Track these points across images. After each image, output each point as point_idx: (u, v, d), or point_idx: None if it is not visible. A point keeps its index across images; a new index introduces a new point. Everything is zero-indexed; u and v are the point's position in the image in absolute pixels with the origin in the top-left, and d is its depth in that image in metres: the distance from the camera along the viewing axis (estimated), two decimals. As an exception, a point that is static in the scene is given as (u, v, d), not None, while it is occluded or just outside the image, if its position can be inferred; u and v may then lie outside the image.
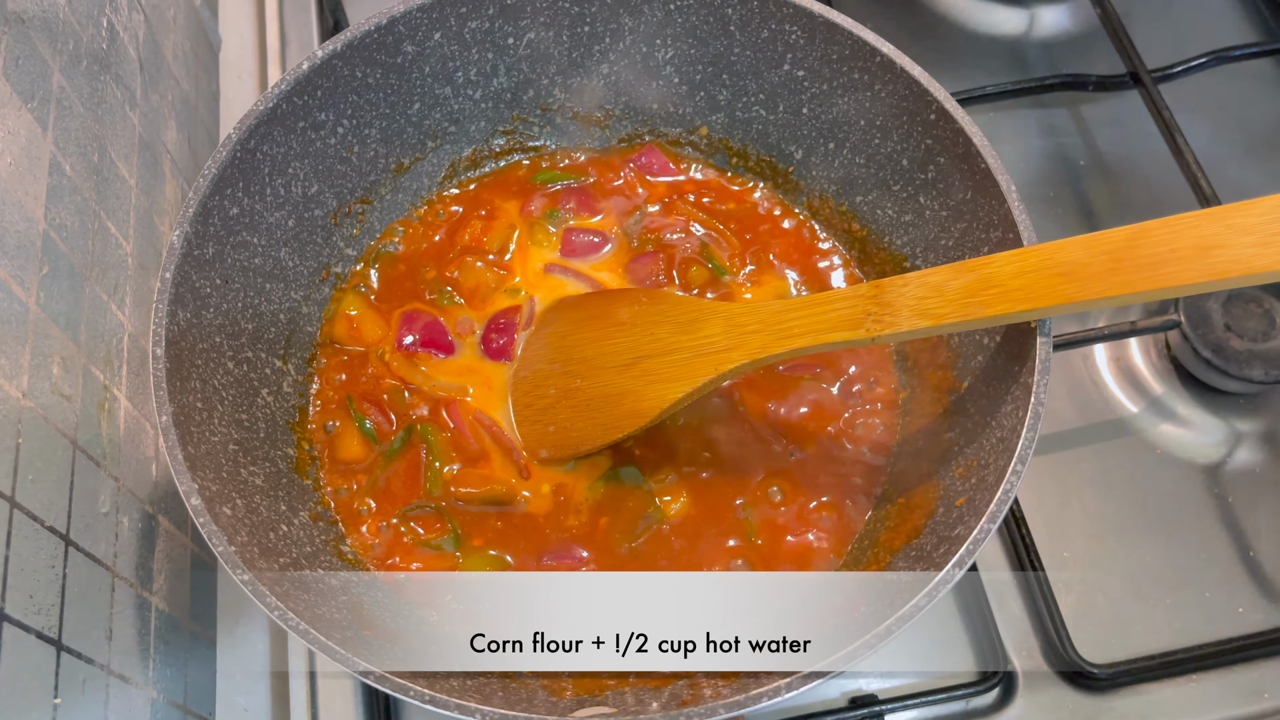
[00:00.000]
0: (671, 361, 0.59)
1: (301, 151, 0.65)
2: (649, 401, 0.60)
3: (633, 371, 0.61)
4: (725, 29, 0.69)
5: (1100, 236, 0.50)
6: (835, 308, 0.54)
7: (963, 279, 0.50)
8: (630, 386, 0.61)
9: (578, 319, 0.67)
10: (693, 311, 0.60)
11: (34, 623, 0.49)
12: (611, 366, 0.62)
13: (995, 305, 0.49)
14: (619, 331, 0.63)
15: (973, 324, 0.50)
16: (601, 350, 0.63)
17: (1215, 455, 0.75)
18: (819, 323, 0.54)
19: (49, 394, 0.54)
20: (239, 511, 0.54)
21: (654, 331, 0.61)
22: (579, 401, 0.63)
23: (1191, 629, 0.69)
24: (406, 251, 0.73)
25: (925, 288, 0.51)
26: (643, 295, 0.65)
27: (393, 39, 0.66)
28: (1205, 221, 0.47)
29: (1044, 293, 0.49)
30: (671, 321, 0.61)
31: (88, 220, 0.62)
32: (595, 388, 0.63)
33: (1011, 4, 0.98)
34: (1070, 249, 0.50)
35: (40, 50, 0.59)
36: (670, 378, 0.59)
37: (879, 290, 0.53)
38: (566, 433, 0.64)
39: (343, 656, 0.48)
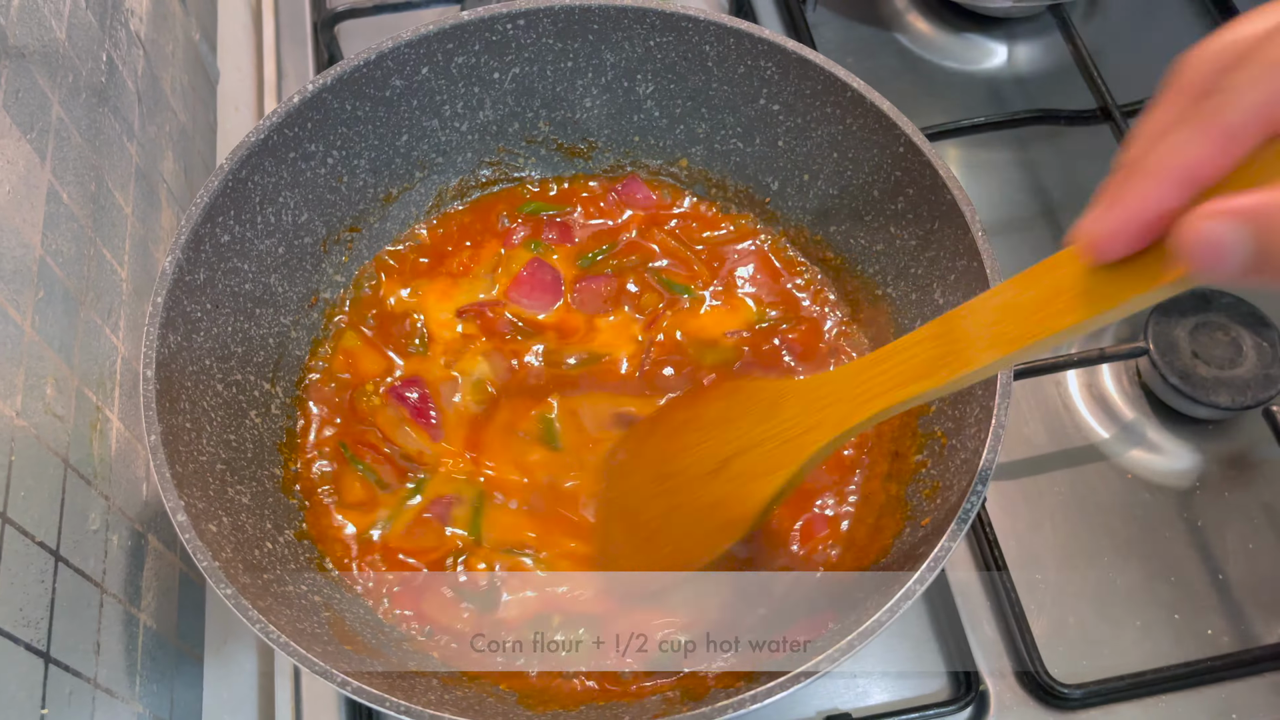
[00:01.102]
0: (759, 456, 0.56)
1: (292, 181, 0.67)
2: (746, 505, 0.56)
3: (725, 475, 0.57)
4: (703, 65, 0.71)
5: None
6: (908, 357, 0.50)
7: (1030, 292, 0.44)
8: (725, 491, 0.57)
9: (668, 431, 0.64)
10: (769, 396, 0.57)
11: (23, 635, 0.50)
12: (704, 474, 0.59)
13: (1072, 312, 0.42)
14: (707, 434, 0.60)
15: (1055, 340, 0.43)
16: (691, 458, 0.60)
17: (1185, 480, 0.77)
18: (895, 378, 0.50)
19: (42, 414, 0.56)
20: (224, 529, 0.56)
21: (738, 426, 0.58)
22: (683, 517, 0.60)
23: (1161, 650, 0.70)
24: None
25: (993, 311, 0.46)
26: (720, 390, 0.63)
27: (381, 73, 0.68)
28: None
29: (1116, 289, 0.41)
30: (752, 412, 0.57)
31: (84, 247, 0.64)
32: (694, 500, 0.59)
33: (989, 40, 1.01)
34: None
35: (40, 83, 0.61)
36: (761, 473, 0.55)
37: (950, 324, 0.48)
38: (678, 552, 0.60)
39: (322, 669, 0.50)
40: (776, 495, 0.55)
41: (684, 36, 0.70)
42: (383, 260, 0.75)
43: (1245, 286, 0.35)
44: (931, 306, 0.66)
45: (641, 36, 0.71)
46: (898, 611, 0.50)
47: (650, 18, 0.69)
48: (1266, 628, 0.71)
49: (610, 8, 0.69)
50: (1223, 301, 0.78)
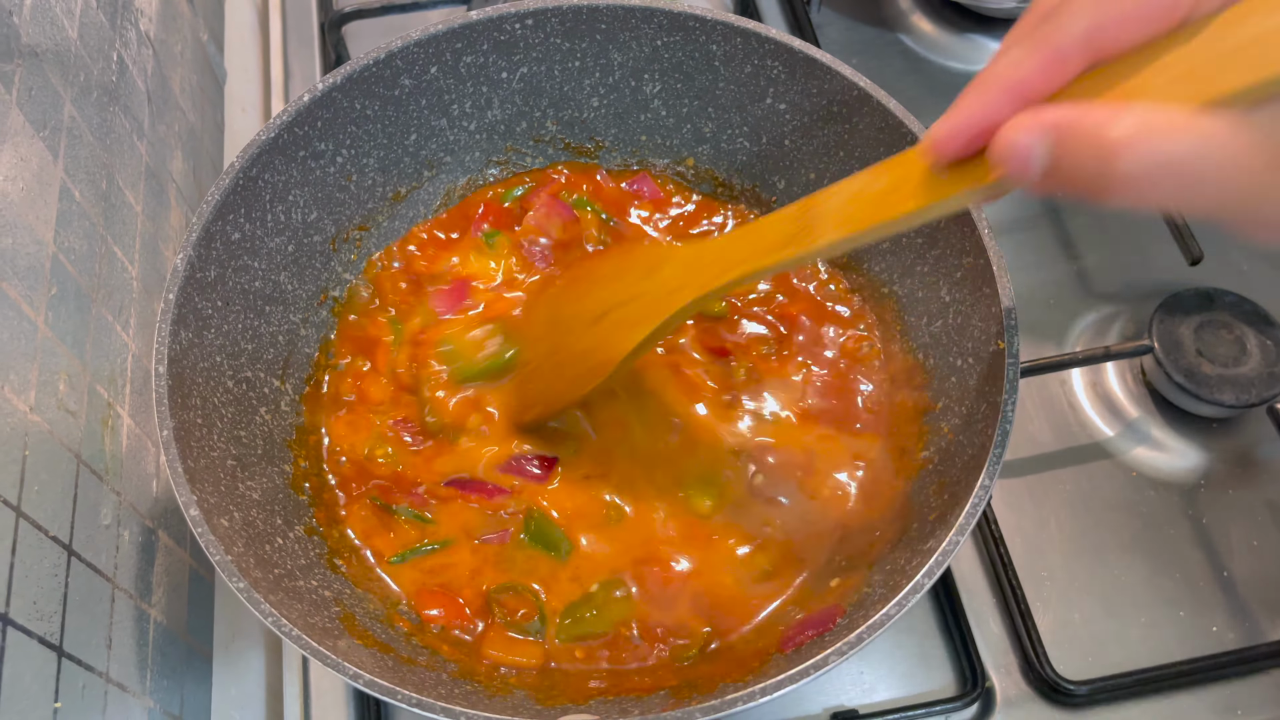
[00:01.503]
0: (633, 309, 0.61)
1: (301, 180, 0.68)
2: (612, 350, 0.61)
3: (602, 324, 0.62)
4: (710, 64, 0.71)
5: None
6: (770, 231, 0.54)
7: (879, 180, 0.48)
8: (599, 339, 0.62)
9: (565, 282, 0.69)
10: (655, 256, 0.62)
11: (36, 628, 0.50)
12: (584, 322, 0.64)
13: (911, 199, 0.46)
14: (595, 287, 0.65)
15: (894, 224, 0.47)
16: (578, 308, 0.65)
17: (1190, 478, 0.77)
18: (756, 247, 0.54)
19: (55, 410, 0.56)
20: (236, 524, 0.56)
21: (623, 282, 0.62)
22: (558, 360, 0.65)
23: (1166, 647, 0.71)
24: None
25: (846, 195, 0.50)
26: (615, 250, 0.67)
27: (391, 73, 0.68)
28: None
29: (949, 184, 0.44)
30: (638, 269, 0.62)
31: (95, 244, 0.64)
32: (571, 345, 0.65)
33: (993, 40, 1.01)
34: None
35: (53, 82, 0.61)
36: (631, 323, 0.60)
37: (807, 206, 0.52)
38: (547, 392, 0.66)
39: (333, 662, 0.50)
40: (638, 346, 0.60)
41: (691, 36, 0.70)
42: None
43: (1045, 194, 0.37)
44: (938, 304, 0.66)
45: (649, 36, 0.71)
46: (905, 606, 0.50)
47: (657, 17, 0.70)
48: (1271, 625, 0.71)
49: (618, 7, 0.70)
50: (1227, 300, 0.78)
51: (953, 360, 0.64)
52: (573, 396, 0.65)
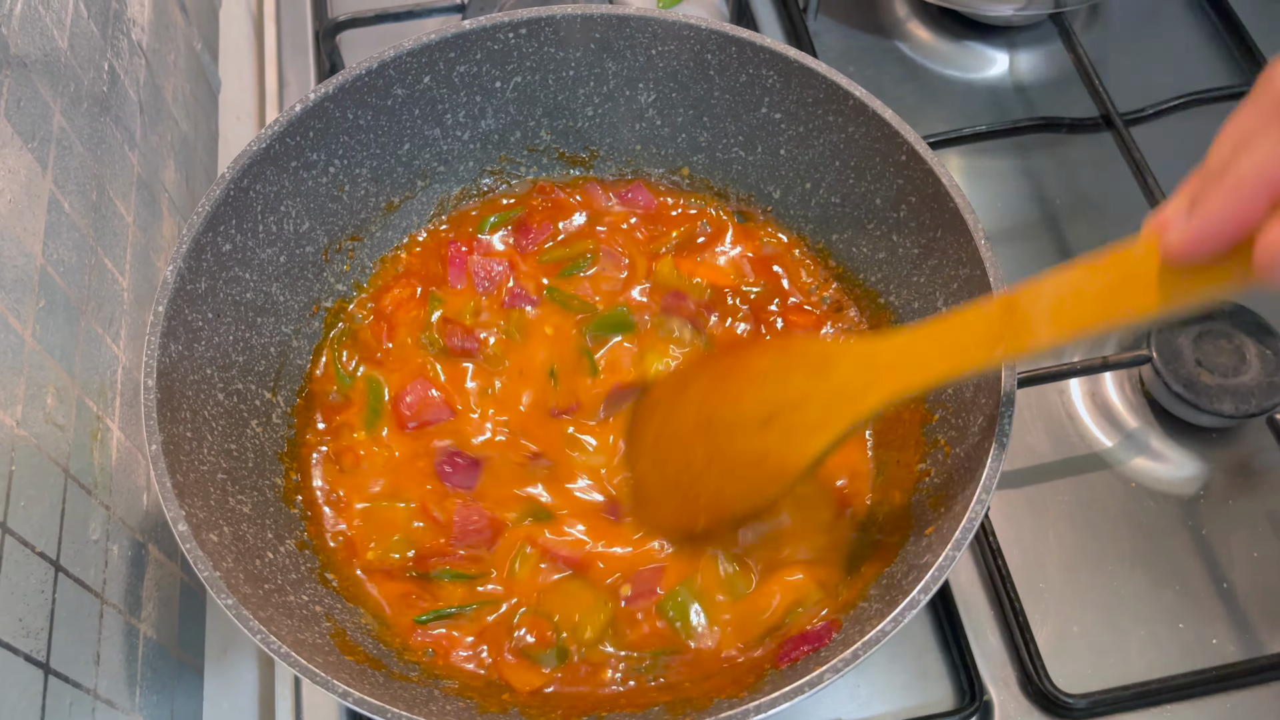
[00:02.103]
0: (808, 412, 0.56)
1: (294, 190, 0.67)
2: (791, 458, 0.57)
3: (772, 427, 0.58)
4: (705, 73, 0.71)
5: None
6: (971, 328, 0.51)
7: (1100, 277, 0.45)
8: (771, 444, 0.58)
9: (716, 376, 0.63)
10: (823, 354, 0.57)
11: (23, 645, 0.50)
12: (751, 423, 0.59)
13: (1147, 300, 0.42)
14: (754, 386, 0.60)
15: (1123, 325, 0.47)
16: (740, 409, 0.60)
17: (1189, 488, 0.76)
18: (952, 348, 0.51)
19: (42, 423, 0.55)
20: (225, 538, 0.56)
21: (788, 381, 0.58)
22: (727, 465, 0.60)
23: (1166, 659, 0.70)
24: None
25: (1062, 292, 0.46)
26: (774, 344, 0.63)
27: (383, 82, 0.68)
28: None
29: (1187, 285, 0.41)
30: (804, 368, 0.57)
31: (85, 256, 0.64)
32: (739, 449, 0.59)
33: (990, 48, 1.01)
34: None
35: (41, 92, 0.61)
36: (809, 429, 0.56)
37: (1014, 302, 0.48)
38: (719, 499, 0.61)
39: (323, 680, 0.50)
40: (821, 453, 0.56)
41: (686, 45, 0.70)
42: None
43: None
44: (934, 315, 0.65)
45: (643, 45, 0.71)
46: (902, 622, 0.50)
47: (652, 26, 0.69)
48: (1272, 637, 0.71)
49: (612, 17, 0.69)
50: (1226, 309, 0.78)
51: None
52: (746, 506, 0.60)
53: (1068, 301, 0.46)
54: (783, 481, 0.57)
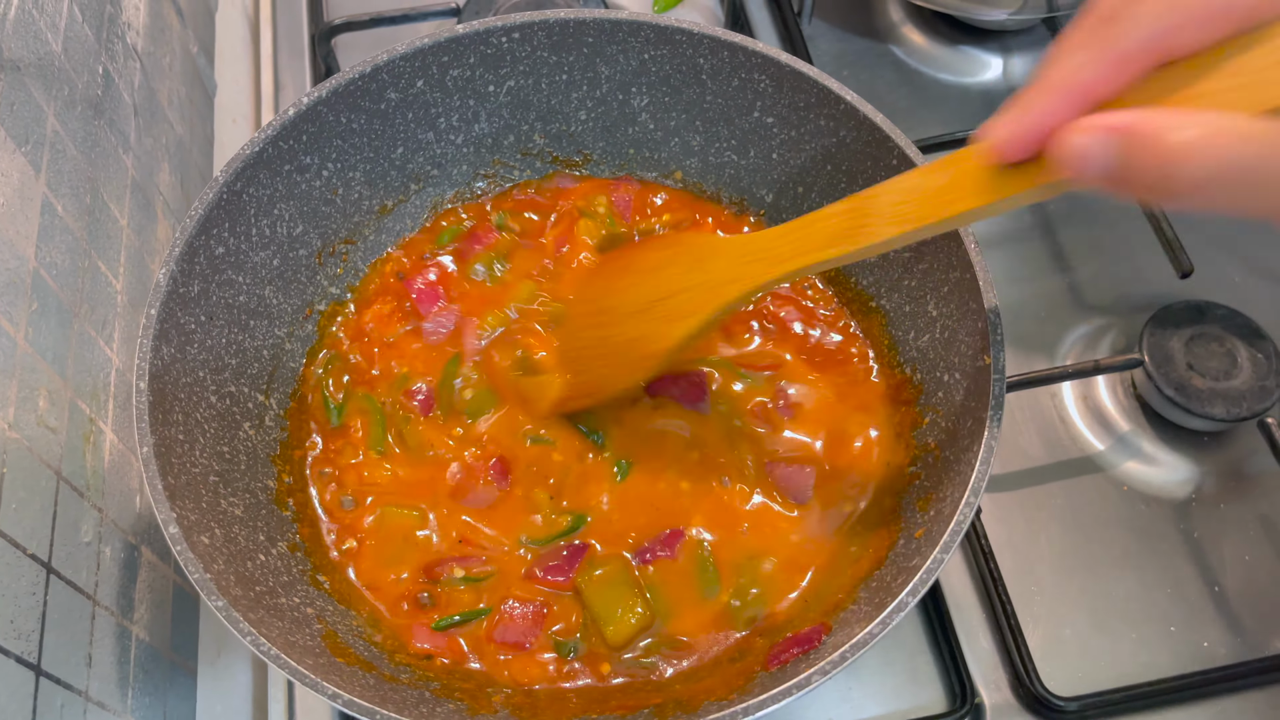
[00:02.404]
0: (682, 300, 0.61)
1: (287, 193, 0.67)
2: (662, 341, 0.61)
3: (651, 314, 0.63)
4: (698, 78, 0.71)
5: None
6: (822, 227, 0.54)
7: (935, 178, 0.49)
8: (647, 329, 0.62)
9: (612, 272, 0.69)
10: (703, 248, 0.62)
11: (14, 647, 0.50)
12: (633, 312, 0.64)
13: (970, 198, 0.46)
14: (642, 278, 0.65)
15: (951, 223, 0.48)
16: (625, 298, 0.66)
17: (1181, 491, 0.77)
18: (808, 243, 0.55)
19: (34, 426, 0.56)
20: (217, 541, 0.56)
21: (670, 272, 0.63)
22: (607, 349, 0.65)
23: (1157, 662, 0.70)
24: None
25: (900, 193, 0.50)
26: (660, 240, 0.68)
27: (377, 86, 0.68)
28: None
29: (1007, 184, 0.45)
30: (685, 260, 0.62)
31: (78, 259, 0.64)
32: (620, 334, 0.65)
33: (984, 52, 1.01)
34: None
35: (35, 96, 0.61)
36: (681, 315, 0.60)
37: (858, 202, 0.52)
38: (595, 378, 0.66)
39: (314, 682, 0.50)
40: (686, 336, 0.60)
41: (678, 50, 0.70)
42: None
43: (1107, 195, 0.38)
44: (925, 318, 0.66)
45: (636, 49, 0.71)
46: (891, 623, 0.50)
47: (645, 31, 0.69)
48: (1263, 639, 0.71)
49: (605, 21, 0.69)
50: (1218, 313, 0.78)
51: (940, 375, 0.64)
52: (621, 385, 0.65)
53: (907, 200, 0.50)
54: (654, 363, 0.62)
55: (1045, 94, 0.40)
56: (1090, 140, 0.37)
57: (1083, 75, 0.39)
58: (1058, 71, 0.40)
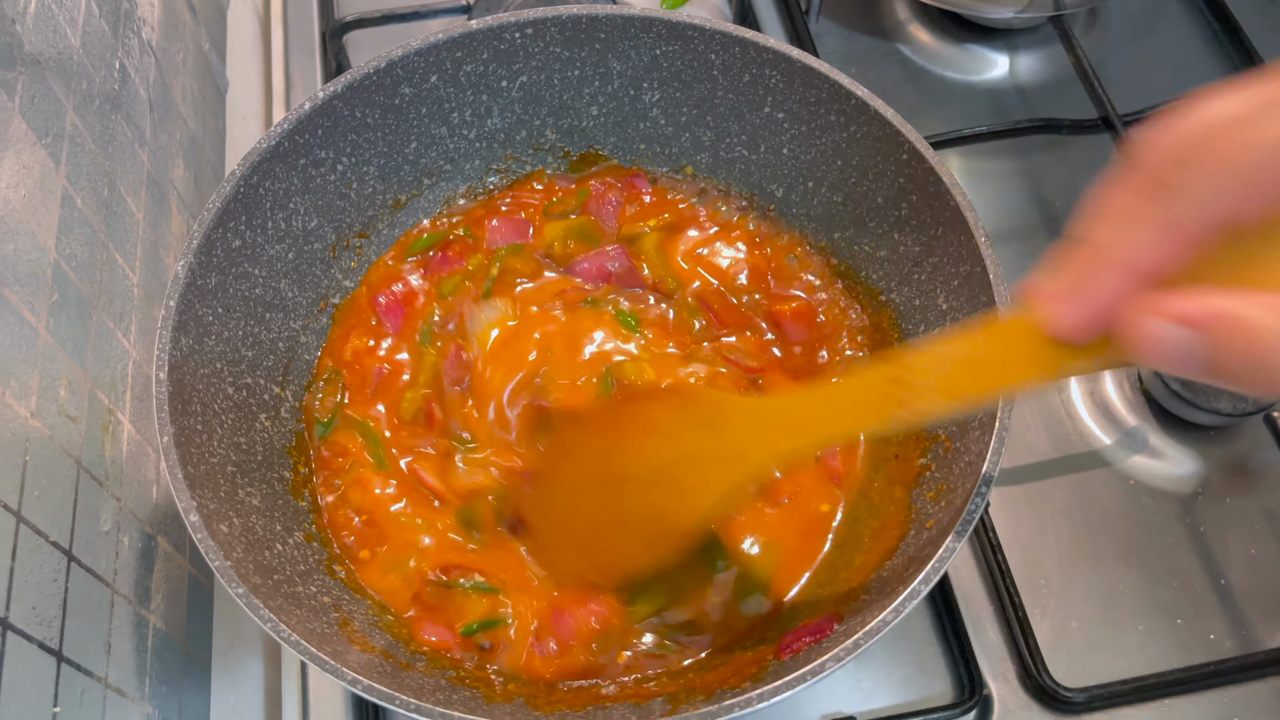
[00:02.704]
0: (698, 470, 0.56)
1: (302, 187, 0.68)
2: (684, 518, 0.57)
3: (665, 487, 0.57)
4: (709, 73, 0.72)
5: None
6: (860, 392, 0.50)
7: (985, 347, 0.45)
8: (665, 504, 0.57)
9: (613, 429, 0.62)
10: (716, 410, 0.56)
11: (36, 633, 0.51)
12: (646, 481, 0.58)
13: (1027, 372, 0.43)
14: (653, 441, 0.59)
15: (1005, 395, 0.45)
16: (635, 464, 0.59)
17: (1187, 486, 0.77)
18: (842, 408, 0.51)
19: (55, 415, 0.56)
20: (235, 530, 0.56)
21: (681, 436, 0.57)
22: (621, 522, 0.60)
23: (1164, 654, 0.71)
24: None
25: (946, 362, 0.46)
26: (669, 397, 0.62)
27: (391, 81, 0.69)
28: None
29: (1066, 358, 0.42)
30: (696, 424, 0.57)
31: (96, 251, 0.64)
32: (635, 506, 0.59)
33: (990, 50, 1.01)
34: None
35: (55, 90, 0.62)
36: (700, 489, 0.56)
37: (903, 368, 0.48)
38: (614, 555, 0.62)
39: (332, 667, 0.50)
40: (713, 510, 0.56)
41: (690, 45, 0.71)
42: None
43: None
44: (935, 312, 0.66)
45: (648, 45, 0.71)
46: (902, 612, 0.50)
47: (656, 27, 0.70)
48: (1268, 632, 0.71)
49: (617, 17, 0.70)
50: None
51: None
52: (641, 564, 0.61)
53: (957, 372, 0.46)
54: (674, 539, 0.58)
55: (1104, 271, 0.37)
56: (1171, 331, 0.35)
57: (1140, 250, 0.36)
58: (1113, 243, 0.36)
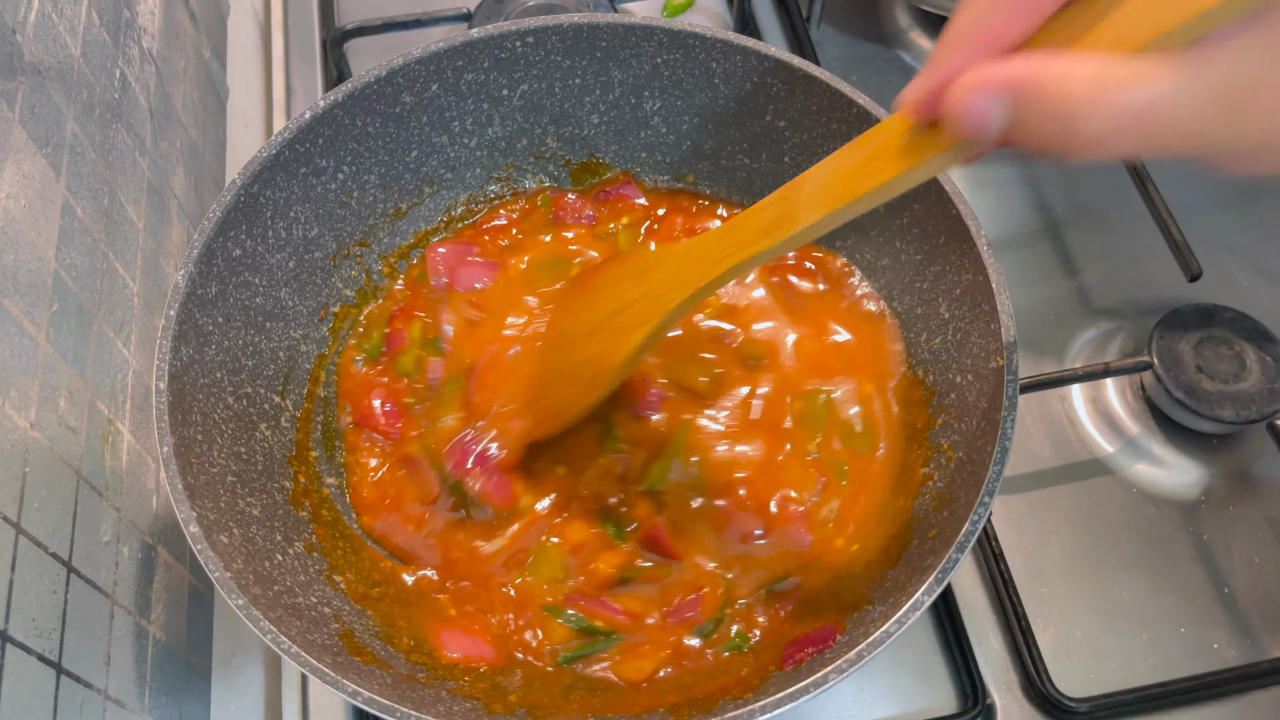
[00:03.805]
0: (629, 315, 0.61)
1: (303, 196, 0.68)
2: (614, 356, 0.62)
3: (600, 334, 0.63)
4: (710, 82, 0.72)
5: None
6: (753, 221, 0.54)
7: (856, 154, 0.47)
8: (599, 347, 0.63)
9: (565, 298, 0.71)
10: (645, 262, 0.62)
11: (35, 645, 0.50)
12: (583, 334, 0.65)
13: (888, 168, 0.45)
14: (590, 300, 0.66)
15: (875, 196, 0.46)
16: (576, 322, 0.66)
17: (1190, 494, 0.77)
18: (741, 239, 0.54)
19: (55, 426, 0.56)
20: (235, 540, 0.56)
21: (616, 290, 0.63)
22: (567, 372, 0.66)
23: (1167, 664, 0.70)
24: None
25: (825, 175, 0.49)
26: (608, 261, 0.68)
27: (392, 90, 0.69)
28: None
29: (924, 146, 0.43)
30: (629, 277, 0.63)
31: (96, 261, 0.64)
32: (572, 357, 0.65)
33: (991, 58, 1.01)
34: None
35: (55, 99, 0.62)
36: (628, 329, 0.61)
37: (787, 192, 0.51)
38: (555, 403, 0.66)
39: (333, 680, 0.50)
40: (640, 347, 0.60)
41: (691, 54, 0.71)
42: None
43: (1012, 152, 0.37)
44: (937, 320, 0.66)
45: (649, 54, 0.71)
46: (906, 623, 0.50)
47: (657, 35, 0.70)
48: (1273, 641, 0.71)
49: (618, 25, 0.70)
50: (1227, 316, 0.79)
51: (952, 377, 0.64)
52: (580, 406, 0.65)
53: (831, 181, 0.48)
54: (609, 379, 0.62)
55: (953, 46, 0.37)
56: (979, 99, 0.35)
57: (989, 21, 0.37)
58: (963, 20, 0.37)
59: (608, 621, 0.63)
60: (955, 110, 0.36)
